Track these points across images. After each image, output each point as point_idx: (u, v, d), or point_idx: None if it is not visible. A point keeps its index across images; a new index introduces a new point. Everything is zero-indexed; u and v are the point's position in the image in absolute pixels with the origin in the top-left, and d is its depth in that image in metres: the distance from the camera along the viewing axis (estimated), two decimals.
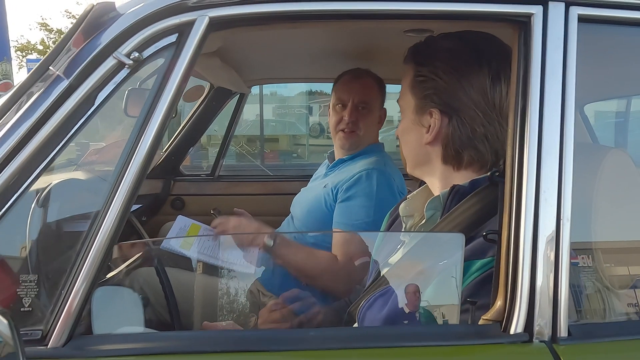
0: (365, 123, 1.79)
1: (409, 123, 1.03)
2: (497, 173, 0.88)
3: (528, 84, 0.81)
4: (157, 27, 0.77)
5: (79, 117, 0.75)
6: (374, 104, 1.81)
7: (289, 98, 11.27)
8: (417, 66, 0.99)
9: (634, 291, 0.89)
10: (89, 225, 0.76)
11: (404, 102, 1.04)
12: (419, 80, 0.98)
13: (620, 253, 0.91)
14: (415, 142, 1.02)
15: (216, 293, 1.37)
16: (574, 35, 0.82)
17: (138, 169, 0.74)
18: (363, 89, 1.79)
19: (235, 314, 1.31)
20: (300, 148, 10.77)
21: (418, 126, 1.00)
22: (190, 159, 3.71)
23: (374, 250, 1.23)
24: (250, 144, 9.15)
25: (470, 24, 0.88)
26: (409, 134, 1.04)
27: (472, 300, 0.81)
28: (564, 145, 0.80)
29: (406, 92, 1.03)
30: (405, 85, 1.02)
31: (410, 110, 1.01)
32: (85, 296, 0.75)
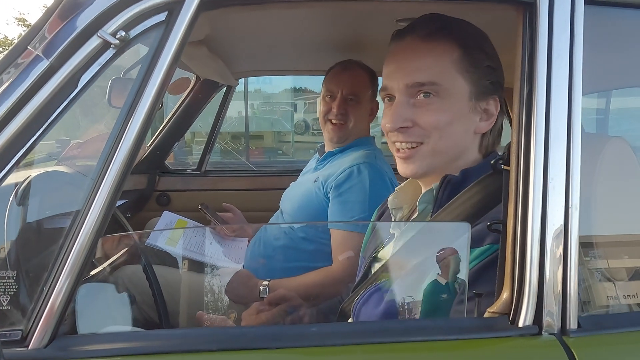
0: (355, 115, 1.75)
1: (461, 110, 0.90)
2: (500, 161, 0.85)
3: (534, 67, 0.78)
4: (145, 5, 0.72)
5: (60, 100, 0.70)
6: (363, 95, 1.77)
7: (273, 95, 11.21)
8: (468, 48, 0.90)
9: None
10: (72, 219, 0.71)
11: (451, 86, 0.89)
12: (481, 66, 0.90)
13: (624, 244, 0.89)
14: (464, 132, 0.91)
15: (202, 290, 1.32)
16: (581, 17, 0.79)
17: (124, 160, 0.69)
18: (352, 80, 1.75)
19: (221, 312, 1.27)
20: (286, 145, 10.72)
21: (472, 114, 0.91)
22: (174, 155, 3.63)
23: (363, 244, 1.19)
24: (235, 141, 9.07)
25: (473, 5, 0.85)
26: (458, 124, 0.90)
27: (478, 293, 0.78)
28: (572, 131, 0.77)
29: (455, 75, 0.89)
30: (450, 66, 0.89)
31: (465, 95, 0.90)
32: (69, 294, 0.70)
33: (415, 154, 0.91)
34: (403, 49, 0.92)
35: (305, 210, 1.72)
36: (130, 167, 0.70)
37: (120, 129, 0.71)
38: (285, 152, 10.42)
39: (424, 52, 0.90)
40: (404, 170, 0.94)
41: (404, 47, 0.92)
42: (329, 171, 1.71)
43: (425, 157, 0.91)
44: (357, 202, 1.60)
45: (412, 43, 0.91)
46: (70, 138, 1.19)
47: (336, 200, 1.64)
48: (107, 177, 0.70)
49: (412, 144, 0.91)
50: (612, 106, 4.08)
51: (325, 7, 1.04)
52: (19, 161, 0.71)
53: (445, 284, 0.84)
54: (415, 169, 0.93)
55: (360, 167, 1.64)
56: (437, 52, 0.89)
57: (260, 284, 1.52)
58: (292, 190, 1.87)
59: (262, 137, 10.53)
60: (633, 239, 0.93)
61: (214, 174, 2.51)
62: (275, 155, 10.19)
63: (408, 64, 0.91)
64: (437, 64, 0.89)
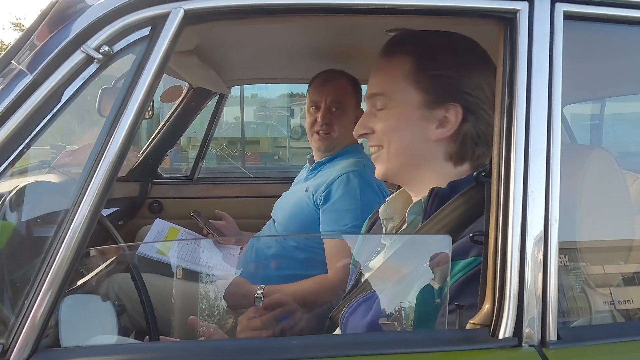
0: (340, 124, 1.76)
1: (408, 118, 0.95)
2: (483, 173, 0.86)
3: (514, 81, 0.79)
4: (128, 20, 0.73)
5: (44, 114, 0.70)
6: (347, 104, 1.78)
7: (270, 100, 11.23)
8: (421, 59, 0.95)
9: (623, 290, 0.88)
10: (55, 229, 0.71)
11: (399, 96, 0.96)
12: (431, 75, 0.94)
13: (606, 252, 0.90)
14: (414, 139, 0.96)
15: (196, 298, 1.32)
16: (560, 32, 0.80)
17: (108, 170, 0.69)
18: (335, 89, 1.77)
19: (215, 319, 1.27)
20: (282, 150, 10.73)
21: (424, 122, 0.95)
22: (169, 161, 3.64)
23: (354, 254, 1.20)
24: (231, 147, 9.07)
25: (455, 20, 0.86)
26: (406, 130, 0.96)
27: (459, 304, 0.79)
28: (551, 144, 0.78)
29: (404, 85, 0.95)
30: (401, 78, 0.95)
31: (414, 104, 0.95)
32: (52, 305, 0.70)
33: (378, 157, 1.00)
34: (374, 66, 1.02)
35: (296, 219, 1.73)
36: (115, 174, 0.70)
37: (104, 142, 0.71)
38: (281, 158, 10.43)
39: (380, 67, 1.00)
40: (376, 172, 1.03)
41: (375, 64, 1.02)
42: (319, 181, 1.72)
43: (384, 160, 0.99)
44: (348, 211, 1.61)
45: (377, 61, 1.01)
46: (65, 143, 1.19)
47: (328, 209, 1.64)
48: (90, 188, 0.70)
49: (375, 149, 1.00)
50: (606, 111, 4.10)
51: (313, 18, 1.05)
52: (4, 172, 0.72)
53: (429, 296, 0.85)
54: (379, 170, 1.01)
55: (349, 175, 1.65)
56: (390, 66, 0.98)
57: (255, 290, 1.53)
58: (283, 199, 1.88)
59: (258, 142, 10.54)
60: (613, 245, 0.94)
61: (206, 181, 2.52)
62: (271, 160, 10.19)
63: (370, 78, 1.01)
64: (387, 76, 0.98)
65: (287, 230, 1.75)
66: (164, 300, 1.48)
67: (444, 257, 0.82)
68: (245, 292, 1.56)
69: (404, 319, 0.89)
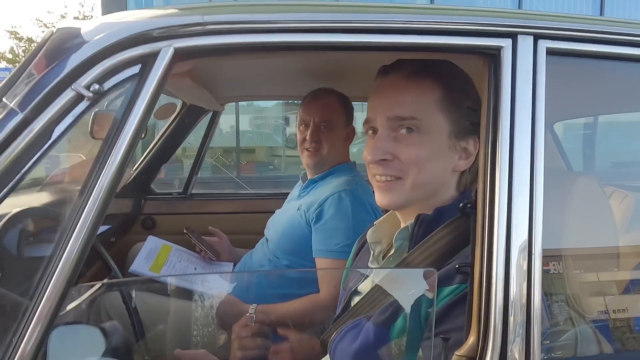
0: (329, 141, 1.78)
1: (440, 148, 0.92)
2: (469, 204, 0.87)
3: (498, 116, 0.81)
4: (119, 58, 0.74)
5: (34, 151, 0.71)
6: (336, 122, 1.80)
7: (265, 109, 11.25)
8: (450, 88, 0.93)
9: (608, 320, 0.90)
10: (47, 259, 0.72)
11: (432, 123, 0.91)
12: (462, 107, 0.93)
13: (594, 283, 0.92)
14: (443, 169, 0.94)
15: (188, 316, 1.32)
16: (543, 67, 0.82)
17: (95, 213, 0.70)
18: (324, 108, 1.79)
19: (207, 338, 1.27)
20: (277, 159, 10.73)
21: (452, 152, 0.93)
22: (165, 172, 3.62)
23: (344, 277, 1.21)
24: (226, 156, 9.07)
25: (443, 55, 0.88)
26: (436, 160, 0.92)
27: (445, 337, 0.80)
28: (535, 178, 0.80)
29: (436, 112, 0.92)
30: (433, 104, 0.92)
31: (445, 133, 0.92)
32: (40, 340, 0.70)
33: (394, 187, 0.93)
34: (387, 85, 0.95)
35: (289, 238, 1.73)
36: (101, 217, 0.71)
37: (91, 183, 0.72)
38: (276, 167, 10.44)
39: (407, 88, 0.93)
40: (381, 200, 0.96)
41: (388, 83, 0.95)
42: (312, 199, 1.72)
43: (404, 190, 0.93)
44: (340, 230, 1.62)
45: (396, 80, 0.94)
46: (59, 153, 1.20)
47: (319, 228, 1.65)
48: (77, 227, 0.71)
49: (391, 177, 0.93)
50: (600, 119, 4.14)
51: None
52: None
53: (415, 324, 0.86)
54: (392, 200, 0.95)
55: (341, 194, 1.66)
56: (420, 90, 0.92)
57: (247, 309, 1.53)
58: (276, 217, 1.89)
59: (253, 151, 10.55)
60: (599, 277, 0.95)
61: (200, 197, 2.52)
62: (266, 170, 10.20)
63: (391, 99, 0.94)
64: (419, 100, 0.92)
65: (280, 249, 1.75)
66: (156, 319, 1.48)
67: (430, 287, 0.83)
68: (238, 311, 1.56)
69: (391, 348, 0.90)
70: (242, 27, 0.76)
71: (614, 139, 4.96)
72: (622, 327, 0.92)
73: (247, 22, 0.76)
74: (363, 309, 1.00)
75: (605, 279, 0.93)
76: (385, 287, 0.97)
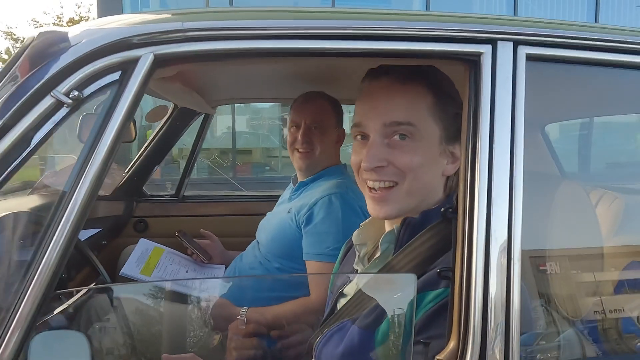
0: (321, 143, 1.79)
1: (432, 153, 0.92)
2: (450, 209, 0.88)
3: (478, 121, 0.82)
4: (98, 65, 0.74)
5: (12, 158, 0.72)
6: (327, 123, 1.81)
7: (262, 110, 11.25)
8: (440, 94, 0.93)
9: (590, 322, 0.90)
10: (27, 264, 0.72)
11: (425, 129, 0.91)
12: (452, 113, 0.92)
13: (576, 285, 0.92)
14: (434, 175, 0.94)
15: (179, 319, 1.33)
16: (522, 73, 0.83)
17: (74, 218, 0.70)
18: (315, 110, 1.81)
19: (197, 341, 1.27)
20: (274, 160, 10.73)
21: (442, 157, 0.94)
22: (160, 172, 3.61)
23: (330, 282, 1.21)
24: (223, 157, 9.07)
25: (425, 61, 0.89)
26: (429, 166, 0.92)
27: (425, 341, 0.80)
28: (514, 184, 0.80)
29: (428, 118, 0.91)
30: (425, 110, 0.91)
31: (437, 139, 0.92)
32: (19, 344, 0.70)
33: (390, 195, 0.92)
34: (379, 89, 0.93)
35: (279, 241, 1.73)
36: (81, 223, 0.71)
37: (73, 186, 0.72)
38: (272, 168, 10.43)
39: (400, 93, 0.92)
40: (377, 212, 0.94)
41: (379, 88, 0.93)
42: (302, 202, 1.73)
43: (400, 198, 0.92)
44: (330, 233, 1.62)
45: (388, 84, 0.93)
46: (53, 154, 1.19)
47: (310, 232, 1.65)
48: (57, 232, 0.71)
49: (387, 183, 0.92)
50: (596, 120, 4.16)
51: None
52: None
53: (396, 329, 0.86)
54: (389, 211, 0.93)
55: (331, 197, 1.66)
56: (413, 95, 0.92)
57: (238, 312, 1.53)
58: (267, 220, 1.89)
59: (250, 152, 10.54)
60: (583, 279, 0.96)
61: (192, 199, 2.52)
62: (262, 171, 10.19)
63: (385, 104, 0.92)
64: (413, 106, 0.91)
65: (270, 252, 1.76)
66: (146, 322, 1.48)
67: (409, 292, 0.84)
68: (229, 314, 1.56)
69: (374, 352, 0.90)
70: (222, 33, 0.77)
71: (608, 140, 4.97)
72: (608, 328, 0.93)
73: (227, 29, 0.76)
74: (348, 312, 1.00)
75: (587, 279, 0.94)
76: (369, 291, 0.97)
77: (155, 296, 1.65)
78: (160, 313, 1.50)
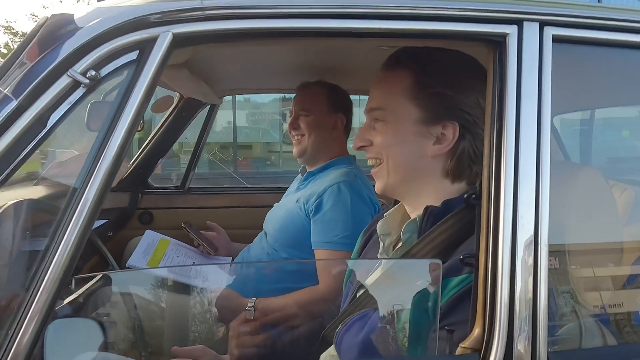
0: (311, 129, 1.77)
1: (406, 134, 0.96)
2: (473, 195, 0.86)
3: (504, 105, 0.80)
4: (116, 44, 0.72)
5: (28, 140, 0.69)
6: (316, 109, 1.79)
7: (262, 104, 11.22)
8: (421, 75, 0.95)
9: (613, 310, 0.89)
10: (43, 252, 0.70)
11: (397, 111, 0.96)
12: (430, 92, 0.94)
13: (598, 275, 0.90)
14: (412, 155, 0.97)
15: (187, 310, 1.31)
16: (549, 55, 0.81)
17: (92, 202, 0.68)
18: (304, 96, 1.81)
19: (205, 333, 1.26)
20: (274, 155, 10.72)
21: (421, 137, 0.95)
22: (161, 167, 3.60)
23: (348, 271, 1.20)
24: (223, 152, 9.05)
25: (445, 42, 0.87)
26: (403, 146, 0.97)
27: (450, 329, 0.79)
28: (541, 167, 0.78)
29: (402, 100, 0.96)
30: (400, 93, 0.96)
31: (411, 120, 0.95)
32: (37, 333, 0.69)
33: (378, 172, 1.00)
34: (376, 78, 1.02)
35: (287, 230, 1.72)
36: (99, 207, 0.69)
37: (90, 168, 0.70)
38: (273, 163, 10.42)
39: (380, 81, 1.00)
40: (375, 187, 1.04)
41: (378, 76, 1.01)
42: (310, 191, 1.71)
43: (384, 175, 0.99)
44: (339, 221, 1.61)
45: (378, 74, 1.01)
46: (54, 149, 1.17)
47: (318, 220, 1.64)
48: (76, 214, 0.69)
49: (373, 161, 1.01)
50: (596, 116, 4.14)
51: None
52: None
53: (422, 315, 0.85)
54: (379, 185, 1.02)
55: (340, 185, 1.65)
56: (390, 81, 0.98)
57: (246, 303, 1.51)
58: (274, 211, 1.88)
59: (250, 147, 10.53)
60: (604, 274, 0.94)
61: (197, 191, 2.50)
62: (263, 165, 10.18)
63: (371, 92, 1.02)
64: (387, 91, 0.98)
65: (279, 242, 1.74)
66: (154, 313, 1.46)
67: (435, 279, 0.82)
68: (237, 305, 1.55)
69: (397, 339, 0.88)
70: (242, 12, 0.74)
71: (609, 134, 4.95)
72: (623, 321, 0.91)
73: (248, 7, 0.74)
74: (368, 301, 0.99)
75: (614, 273, 0.92)
76: (391, 279, 0.96)
77: (164, 286, 1.63)
78: (169, 304, 1.49)
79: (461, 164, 0.96)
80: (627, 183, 1.38)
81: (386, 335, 0.90)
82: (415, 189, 0.99)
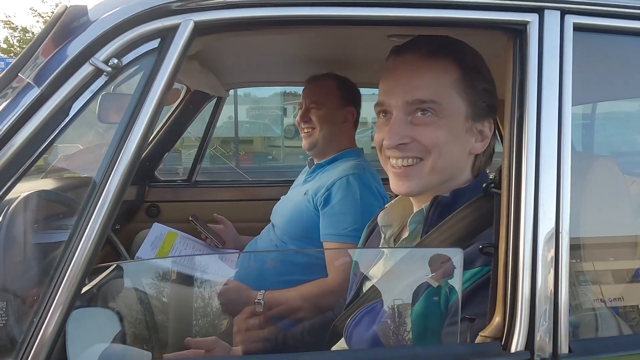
0: (320, 121, 1.77)
1: (457, 130, 0.90)
2: (492, 185, 0.86)
3: (525, 93, 0.79)
4: (137, 32, 0.72)
5: (51, 128, 0.69)
6: (327, 102, 1.78)
7: (263, 99, 11.20)
8: (467, 69, 0.90)
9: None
10: (65, 243, 0.70)
11: (450, 105, 0.89)
12: (477, 87, 0.91)
13: (616, 264, 0.91)
14: (460, 152, 0.92)
15: (191, 301, 1.31)
16: (570, 43, 0.80)
17: (116, 190, 0.68)
18: (315, 89, 1.80)
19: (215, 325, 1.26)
20: (275, 150, 10.70)
21: (468, 135, 0.91)
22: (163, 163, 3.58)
23: (354, 263, 1.19)
24: (225, 146, 9.04)
25: (464, 31, 0.86)
26: (455, 143, 0.90)
27: (470, 317, 0.78)
28: (562, 155, 0.78)
29: (453, 94, 0.89)
30: (450, 86, 0.89)
31: (462, 116, 0.90)
32: (62, 322, 0.69)
33: (413, 171, 0.90)
34: (402, 66, 0.91)
35: (296, 223, 1.72)
36: (121, 197, 0.69)
37: (113, 157, 0.70)
38: (275, 157, 10.40)
39: (424, 70, 0.89)
40: (399, 188, 0.92)
41: (403, 64, 0.91)
42: (319, 183, 1.71)
43: (423, 174, 0.90)
44: (348, 214, 1.60)
45: (412, 60, 0.91)
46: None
47: (327, 213, 1.64)
48: (98, 205, 0.69)
49: (410, 160, 0.90)
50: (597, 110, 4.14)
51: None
52: (10, 189, 0.70)
53: (436, 307, 0.85)
54: (411, 187, 0.91)
55: (349, 178, 1.65)
56: (438, 71, 0.89)
57: (255, 296, 1.52)
58: (282, 203, 1.87)
59: (251, 142, 10.51)
60: (623, 266, 0.94)
61: (204, 184, 2.50)
62: (265, 160, 10.16)
63: (408, 81, 0.90)
64: (438, 82, 0.89)
65: (287, 234, 1.74)
66: (166, 305, 1.47)
67: (452, 268, 0.82)
68: (246, 298, 1.55)
69: (409, 331, 0.88)
70: (262, 0, 0.74)
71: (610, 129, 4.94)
72: None
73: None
74: (377, 293, 0.98)
75: (629, 267, 0.93)
76: (402, 270, 0.95)
77: (173, 280, 1.63)
78: (179, 297, 1.49)
79: (490, 160, 0.95)
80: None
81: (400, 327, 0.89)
82: (445, 188, 0.93)
